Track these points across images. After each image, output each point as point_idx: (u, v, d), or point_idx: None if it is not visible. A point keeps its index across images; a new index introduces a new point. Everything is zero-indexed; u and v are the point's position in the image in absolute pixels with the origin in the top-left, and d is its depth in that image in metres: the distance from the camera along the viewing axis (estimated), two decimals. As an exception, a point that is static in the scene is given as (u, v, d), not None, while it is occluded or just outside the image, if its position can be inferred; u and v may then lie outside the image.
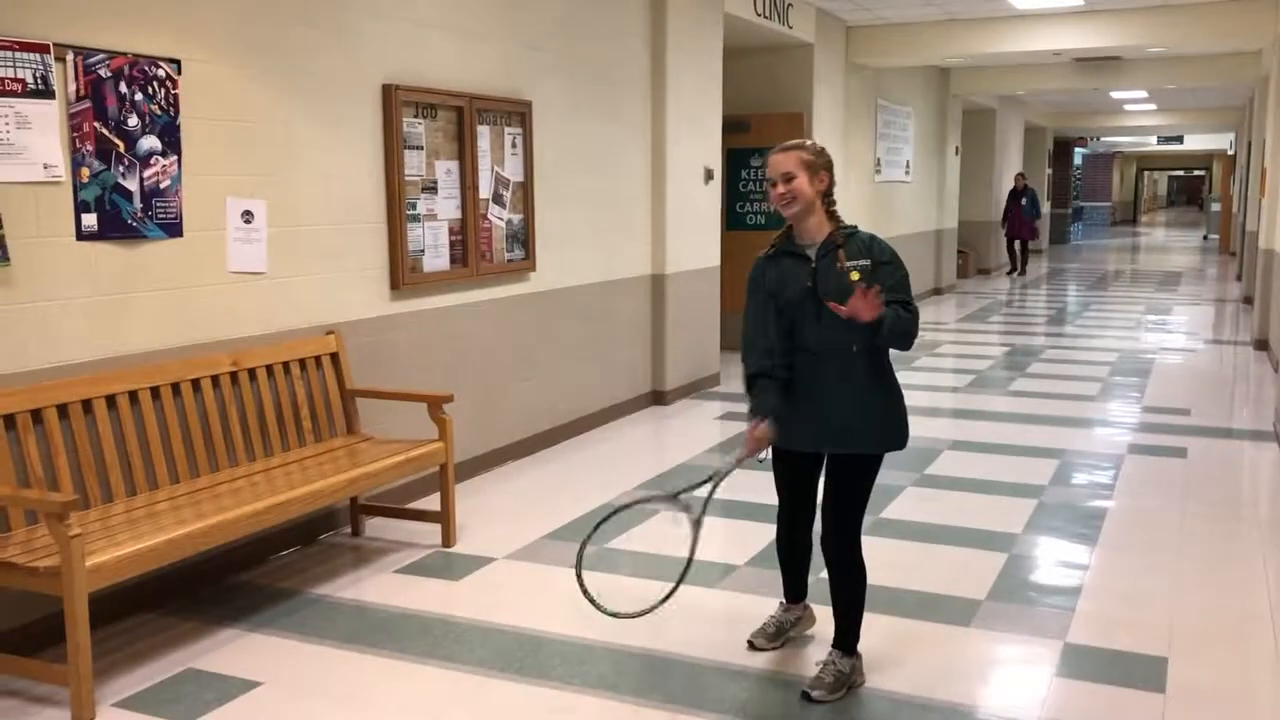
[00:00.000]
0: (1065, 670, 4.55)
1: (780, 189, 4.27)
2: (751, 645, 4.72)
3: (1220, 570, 5.74)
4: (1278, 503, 7.11)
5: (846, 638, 4.43)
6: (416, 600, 5.34)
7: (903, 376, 4.49)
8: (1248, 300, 17.06)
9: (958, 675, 4.52)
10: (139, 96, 5.04)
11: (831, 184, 4.35)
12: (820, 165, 4.32)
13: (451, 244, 7.16)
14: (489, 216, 7.50)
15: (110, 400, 4.98)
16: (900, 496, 7.01)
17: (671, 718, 4.18)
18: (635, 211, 9.51)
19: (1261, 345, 13.06)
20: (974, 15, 13.87)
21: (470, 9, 7.27)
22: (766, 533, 5.21)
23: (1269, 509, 6.94)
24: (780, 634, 4.79)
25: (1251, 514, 6.78)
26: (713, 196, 10.64)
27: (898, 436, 4.37)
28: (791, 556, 4.73)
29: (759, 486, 4.83)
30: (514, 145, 7.72)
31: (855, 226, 4.38)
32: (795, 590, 4.82)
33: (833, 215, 4.36)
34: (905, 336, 4.23)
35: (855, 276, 4.19)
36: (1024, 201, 22.91)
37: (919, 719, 4.15)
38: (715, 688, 4.42)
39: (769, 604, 4.94)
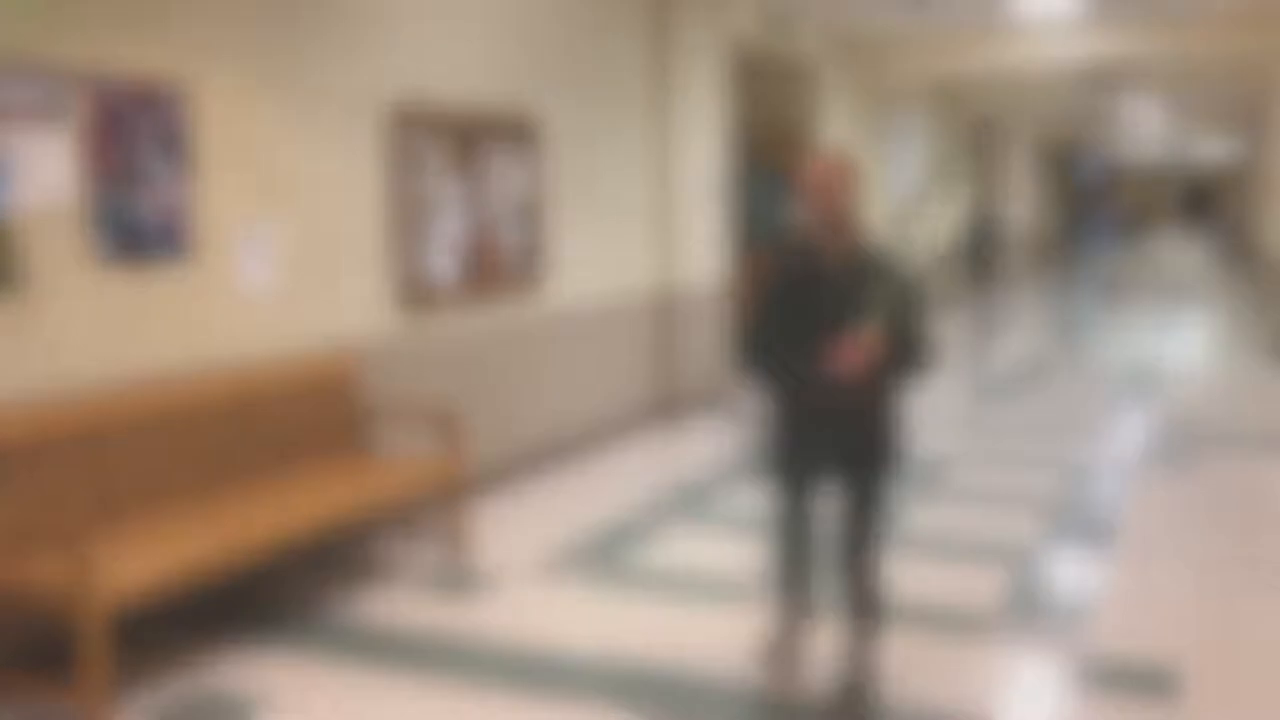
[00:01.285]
0: (1080, 681, 4.54)
1: (827, 202, 4.23)
2: (768, 668, 4.69)
3: (1235, 581, 5.72)
4: (1291, 511, 7.11)
5: (865, 653, 4.43)
6: (430, 617, 5.33)
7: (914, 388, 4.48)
8: (1261, 309, 17.05)
9: (972, 687, 4.51)
10: (149, 120, 5.06)
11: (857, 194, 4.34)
12: (855, 176, 4.29)
13: (461, 263, 7.18)
14: (498, 235, 7.52)
15: (125, 422, 4.99)
16: (912, 508, 7.00)
17: (686, 733, 4.19)
18: (643, 229, 9.53)
19: (1276, 354, 13.04)
20: (978, 29, 13.88)
21: (478, 31, 7.30)
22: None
23: (1282, 517, 6.94)
24: (795, 652, 4.78)
25: (1265, 524, 6.77)
26: (720, 214, 10.65)
27: (904, 448, 4.38)
28: (798, 573, 4.71)
29: (771, 500, 4.82)
30: (523, 165, 7.74)
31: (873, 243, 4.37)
32: (801, 606, 4.78)
33: (853, 229, 4.33)
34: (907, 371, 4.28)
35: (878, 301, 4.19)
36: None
37: (934, 731, 4.15)
38: (732, 705, 4.42)
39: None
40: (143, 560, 4.41)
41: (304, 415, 5.95)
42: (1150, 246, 43.01)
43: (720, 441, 9.14)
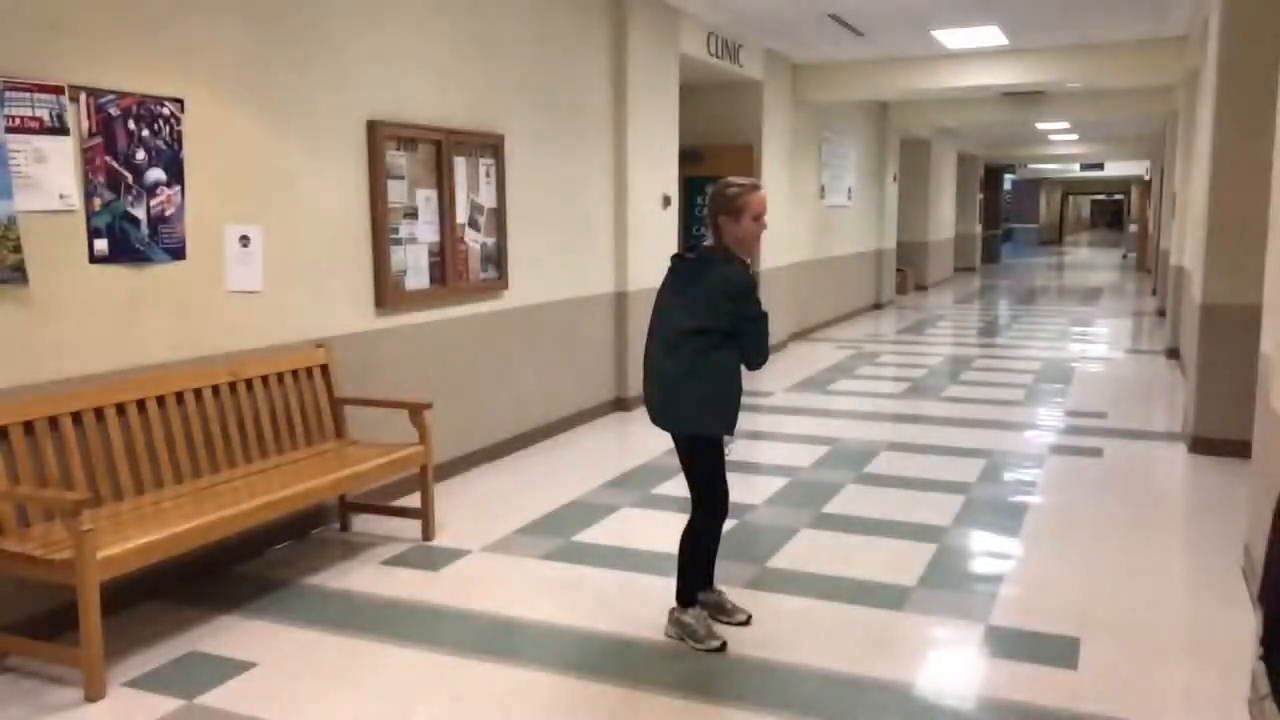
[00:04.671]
0: (989, 649, 4.67)
1: (764, 223, 4.60)
2: (723, 645, 4.69)
3: (1131, 560, 5.86)
4: (1185, 498, 7.27)
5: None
6: (398, 589, 5.41)
7: (845, 384, 4.63)
8: (1161, 313, 17.30)
9: (890, 655, 4.63)
10: (147, 132, 5.12)
11: None
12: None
13: (431, 264, 7.25)
14: (465, 239, 7.59)
15: (120, 408, 5.05)
16: (841, 493, 7.13)
17: (628, 693, 4.28)
18: (599, 234, 9.61)
19: (1173, 354, 13.23)
20: (910, 55, 14.03)
21: (447, 51, 7.36)
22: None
23: (1177, 504, 7.10)
24: (733, 611, 4.92)
25: (1161, 508, 6.94)
26: (670, 220, 10.75)
27: None
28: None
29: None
30: (488, 175, 7.81)
31: None
32: (709, 573, 4.94)
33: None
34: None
35: None
36: None
37: (854, 695, 4.26)
38: (671, 665, 4.53)
39: (725, 589, 5.05)
40: (137, 534, 4.48)
41: (286, 403, 6.03)
42: (1068, 256, 43.37)
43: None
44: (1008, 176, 40.21)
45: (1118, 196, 60.60)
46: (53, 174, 4.69)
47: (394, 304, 6.89)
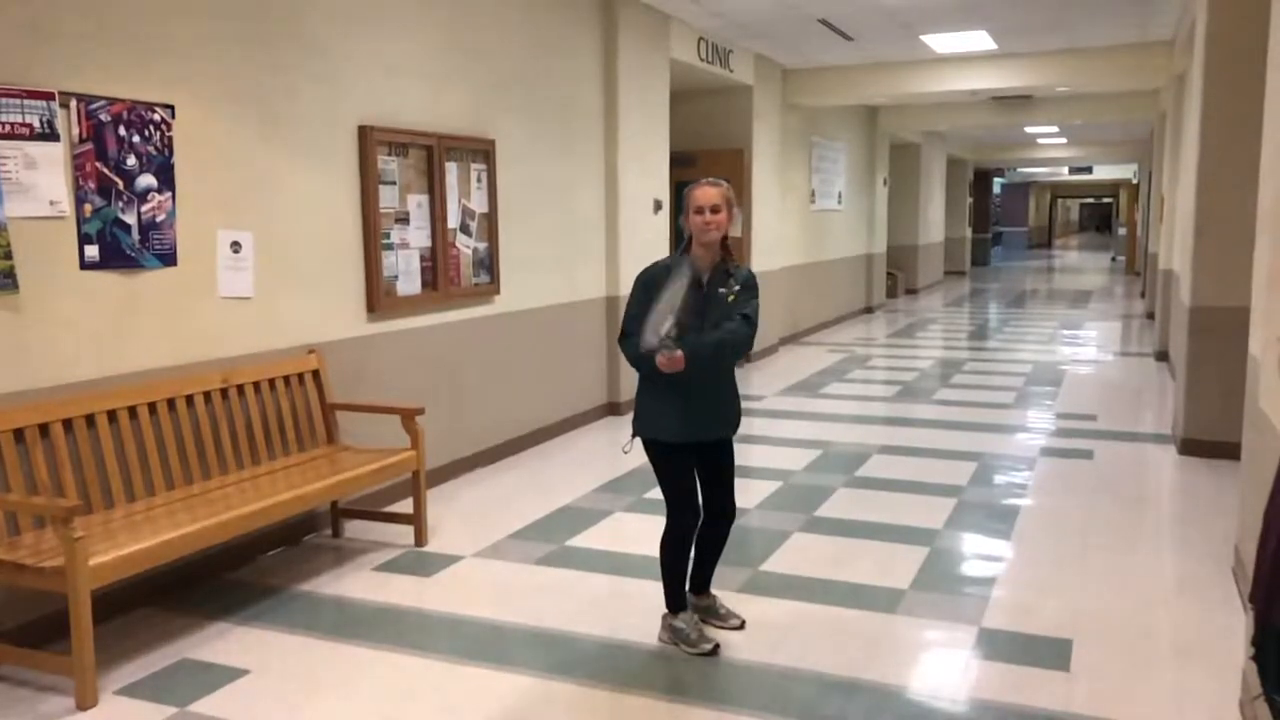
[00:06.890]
0: (981, 652, 4.66)
1: (709, 218, 4.49)
2: (715, 649, 4.66)
3: (1122, 561, 5.86)
4: (1175, 499, 7.27)
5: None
6: (391, 595, 5.39)
7: (836, 388, 4.61)
8: (1150, 316, 17.30)
9: (883, 658, 4.62)
10: (136, 139, 5.10)
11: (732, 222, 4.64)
12: (734, 204, 4.64)
13: (423, 270, 7.23)
14: (457, 245, 7.58)
15: (111, 415, 5.02)
16: (833, 496, 7.12)
17: (621, 698, 4.27)
18: (591, 239, 9.60)
19: (1162, 356, 13.25)
20: (898, 59, 14.04)
21: (439, 56, 7.35)
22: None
23: (1167, 505, 7.10)
24: (726, 616, 4.90)
25: (1151, 510, 6.94)
26: (661, 225, 10.75)
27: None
28: (696, 548, 4.84)
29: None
30: (479, 180, 7.80)
31: (739, 263, 4.75)
32: (701, 579, 4.93)
33: (725, 248, 4.67)
34: (720, 354, 4.55)
35: (731, 299, 4.60)
36: None
37: (848, 698, 4.25)
38: (663, 670, 4.52)
39: (719, 594, 5.03)
40: (128, 541, 4.45)
41: (278, 410, 6.00)
42: (1058, 259, 43.42)
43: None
44: (997, 180, 40.32)
45: (1106, 200, 60.63)
46: (43, 180, 4.67)
47: (386, 309, 6.87)
